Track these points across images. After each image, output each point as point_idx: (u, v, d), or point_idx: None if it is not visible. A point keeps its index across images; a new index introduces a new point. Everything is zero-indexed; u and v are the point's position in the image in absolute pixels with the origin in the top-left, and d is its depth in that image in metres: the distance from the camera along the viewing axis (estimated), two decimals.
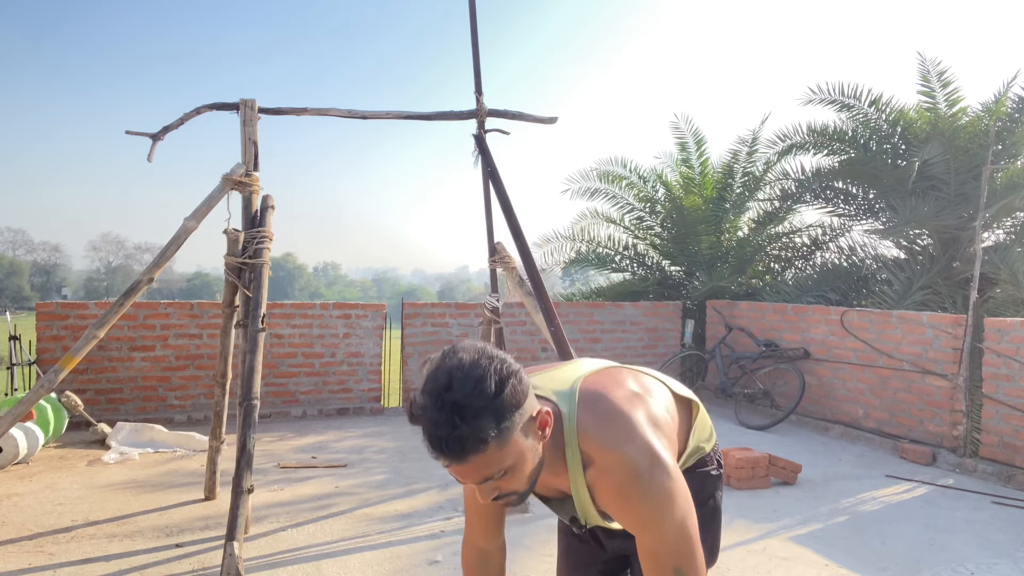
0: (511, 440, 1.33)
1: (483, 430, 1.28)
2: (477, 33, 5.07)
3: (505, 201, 4.82)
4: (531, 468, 1.40)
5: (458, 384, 1.29)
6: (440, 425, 1.28)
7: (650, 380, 1.70)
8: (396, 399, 8.47)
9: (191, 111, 4.58)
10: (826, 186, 9.66)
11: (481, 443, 1.28)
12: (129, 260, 70.24)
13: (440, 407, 1.28)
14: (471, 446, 1.28)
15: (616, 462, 1.43)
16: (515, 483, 1.38)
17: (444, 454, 1.30)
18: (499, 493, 1.39)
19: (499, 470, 1.34)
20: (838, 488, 5.29)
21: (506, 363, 1.34)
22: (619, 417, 1.47)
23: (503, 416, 1.30)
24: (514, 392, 1.32)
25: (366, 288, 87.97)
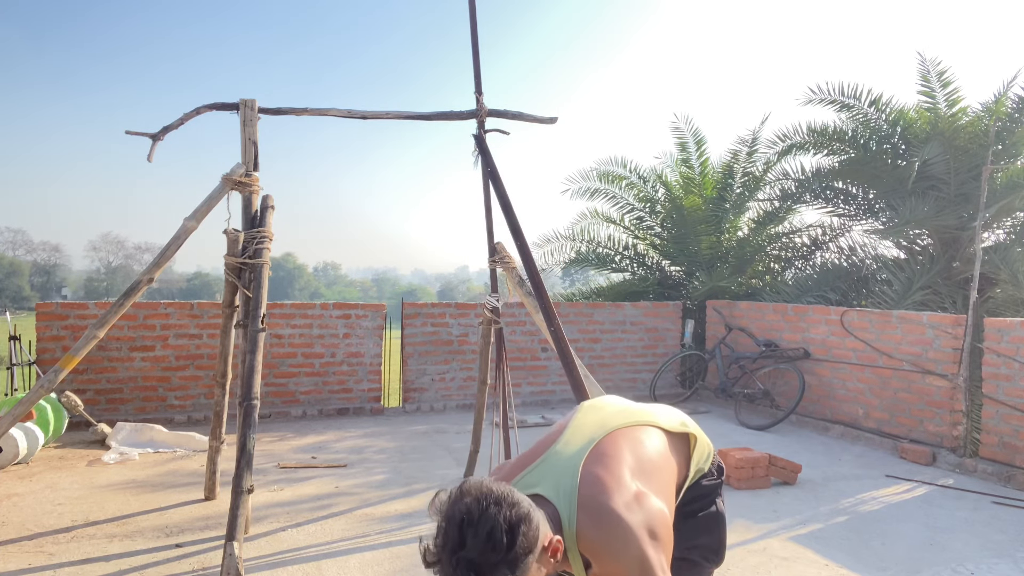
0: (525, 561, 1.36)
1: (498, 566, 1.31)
2: (477, 33, 5.07)
3: (505, 201, 4.82)
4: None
5: (471, 540, 1.30)
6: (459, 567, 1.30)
7: (648, 438, 1.75)
8: (396, 399, 8.47)
9: (191, 111, 4.58)
10: (826, 186, 9.65)
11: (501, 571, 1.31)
12: (129, 260, 70.25)
13: (456, 565, 1.30)
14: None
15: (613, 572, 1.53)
16: None
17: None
18: None
19: None
20: (838, 488, 5.29)
21: (515, 508, 1.35)
22: (616, 530, 1.51)
23: (517, 565, 1.33)
24: (526, 539, 1.34)
25: (366, 288, 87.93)
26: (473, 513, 1.31)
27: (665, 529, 1.58)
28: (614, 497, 1.54)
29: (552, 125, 5.29)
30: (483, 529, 1.30)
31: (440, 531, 1.34)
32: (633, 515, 1.52)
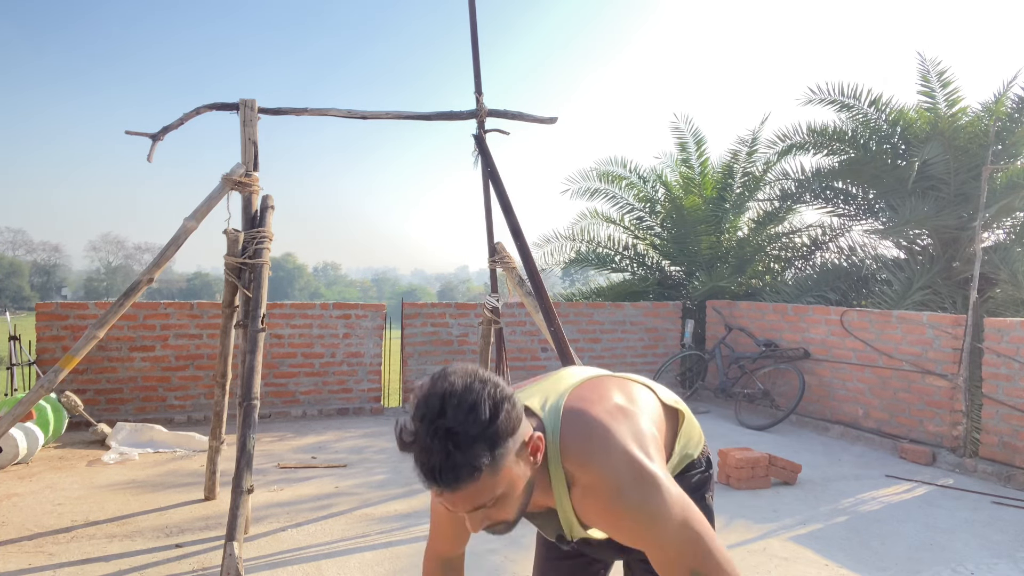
0: (504, 467, 1.30)
1: (477, 458, 1.25)
2: (477, 33, 5.07)
3: (505, 201, 4.82)
4: (521, 495, 1.37)
5: (452, 410, 1.24)
6: (433, 453, 1.24)
7: (638, 389, 1.67)
8: (396, 399, 8.47)
9: (191, 111, 4.58)
10: (826, 186, 9.66)
11: (475, 471, 1.25)
12: (129, 260, 70.28)
13: (433, 434, 1.24)
14: (465, 474, 1.25)
15: (598, 480, 1.40)
16: (505, 512, 1.36)
17: (437, 483, 1.26)
18: (489, 523, 1.36)
19: (491, 498, 1.31)
20: (838, 488, 5.29)
21: (499, 388, 1.30)
22: (599, 432, 1.43)
23: (497, 443, 1.27)
24: (508, 418, 1.29)
25: (366, 288, 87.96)
26: (456, 386, 1.27)
27: (656, 451, 1.47)
28: (596, 407, 1.49)
29: (552, 125, 5.30)
30: (466, 400, 1.25)
31: (420, 404, 1.28)
32: (617, 423, 1.46)
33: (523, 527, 4.28)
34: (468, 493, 1.28)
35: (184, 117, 4.60)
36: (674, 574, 1.36)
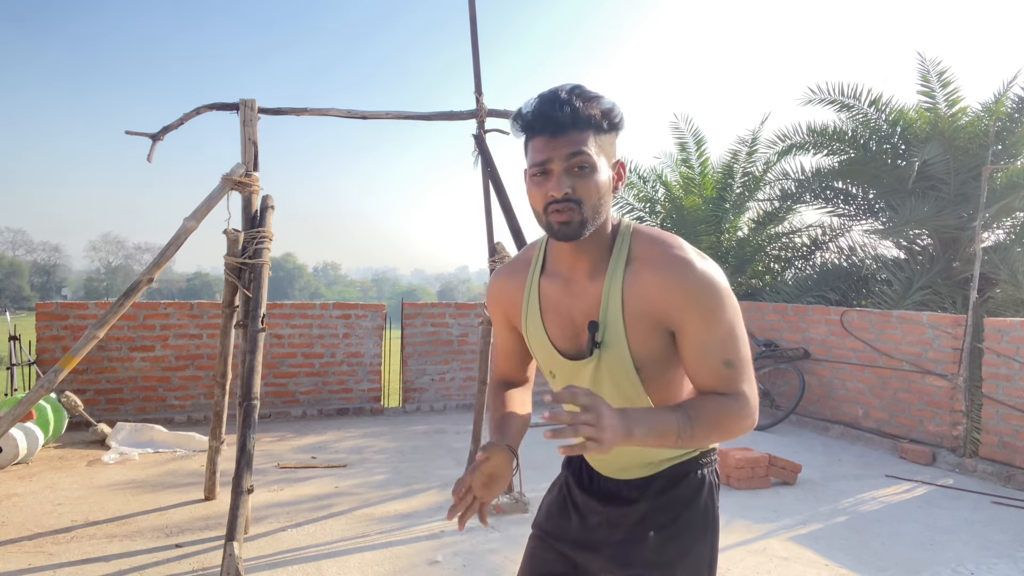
0: (604, 146, 1.39)
1: (594, 114, 1.36)
2: (477, 33, 5.07)
3: (505, 201, 4.82)
4: (603, 190, 1.39)
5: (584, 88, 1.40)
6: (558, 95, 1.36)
7: None
8: (396, 399, 8.46)
9: (191, 111, 4.58)
10: (826, 186, 9.66)
11: (590, 118, 1.36)
12: (129, 260, 70.30)
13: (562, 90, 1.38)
14: (584, 113, 1.35)
15: (665, 251, 1.43)
16: (587, 191, 1.37)
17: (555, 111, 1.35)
18: (570, 193, 1.36)
19: (586, 161, 1.36)
20: (838, 488, 5.29)
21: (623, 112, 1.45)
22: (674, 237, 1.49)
23: (609, 119, 1.39)
24: (622, 118, 1.42)
25: (366, 288, 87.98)
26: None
27: None
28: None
29: None
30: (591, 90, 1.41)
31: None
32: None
33: (521, 526, 4.28)
34: (574, 139, 1.35)
35: (184, 117, 4.60)
36: (710, 356, 1.39)
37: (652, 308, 1.41)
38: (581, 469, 1.69)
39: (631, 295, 1.43)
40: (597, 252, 1.47)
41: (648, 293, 1.41)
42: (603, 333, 1.46)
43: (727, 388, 1.40)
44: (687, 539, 1.55)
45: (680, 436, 1.34)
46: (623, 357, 1.45)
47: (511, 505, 4.58)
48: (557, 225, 1.38)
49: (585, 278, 1.49)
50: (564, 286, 1.52)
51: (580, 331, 1.50)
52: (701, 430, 1.36)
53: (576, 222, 1.37)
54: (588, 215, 1.38)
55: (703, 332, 1.38)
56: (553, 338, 1.55)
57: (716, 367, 1.39)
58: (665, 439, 1.34)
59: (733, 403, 1.39)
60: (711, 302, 1.37)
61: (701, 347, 1.39)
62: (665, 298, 1.39)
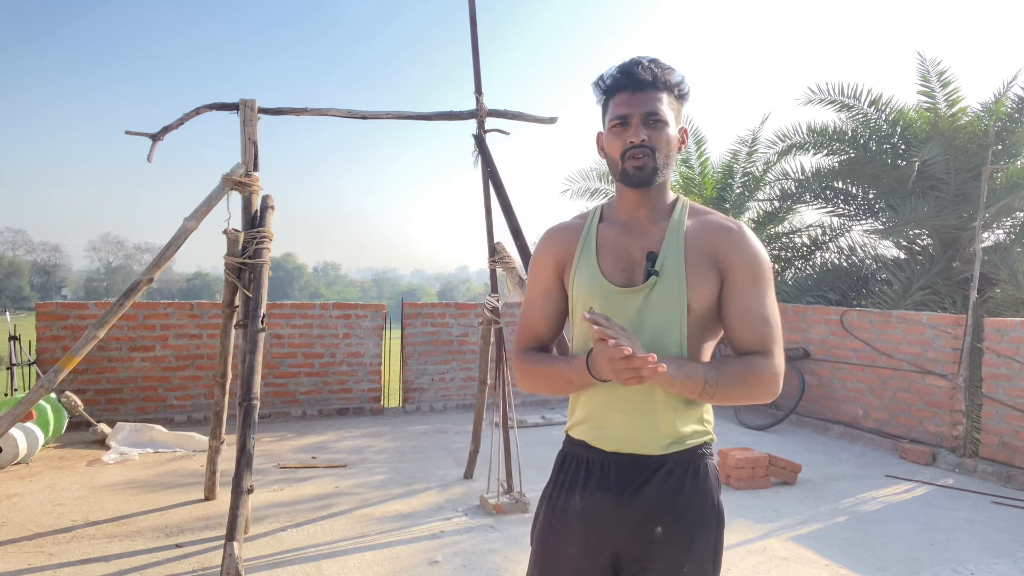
0: (676, 109, 1.59)
1: (669, 81, 1.57)
2: (477, 34, 5.07)
3: (505, 201, 4.82)
4: (673, 143, 1.57)
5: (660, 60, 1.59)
6: (640, 60, 1.57)
7: None
8: (396, 399, 8.47)
9: (191, 111, 4.58)
10: (826, 186, 9.65)
11: (667, 82, 1.56)
12: (129, 260, 70.28)
13: (642, 57, 1.59)
14: (662, 77, 1.55)
15: (725, 216, 1.63)
16: (660, 141, 1.54)
17: (638, 72, 1.54)
18: (646, 140, 1.53)
19: (663, 116, 1.54)
20: (838, 488, 5.29)
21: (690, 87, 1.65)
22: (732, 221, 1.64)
23: (682, 88, 1.60)
24: (689, 91, 1.62)
25: (366, 288, 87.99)
26: None
27: None
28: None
29: (552, 125, 5.29)
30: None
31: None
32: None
33: (522, 526, 4.28)
34: (651, 96, 1.54)
35: (184, 117, 4.60)
36: (751, 308, 1.53)
37: (713, 250, 1.56)
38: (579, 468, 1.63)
39: (693, 236, 1.57)
40: (661, 201, 1.63)
41: (711, 237, 1.57)
42: (662, 261, 1.55)
43: (761, 344, 1.52)
44: (694, 531, 1.55)
45: (707, 382, 1.46)
46: (679, 288, 1.53)
47: (511, 505, 4.59)
48: (632, 170, 1.55)
49: (647, 220, 1.62)
50: (624, 227, 1.63)
51: (636, 265, 1.58)
52: (727, 380, 1.47)
53: (649, 168, 1.54)
54: (660, 163, 1.55)
55: (749, 286, 1.53)
56: (605, 270, 1.61)
57: (754, 321, 1.52)
58: (692, 382, 1.45)
59: (761, 360, 1.51)
60: (760, 263, 1.55)
61: (744, 299, 1.53)
62: (725, 245, 1.55)
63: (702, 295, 1.52)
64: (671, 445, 1.55)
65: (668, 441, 1.55)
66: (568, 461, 1.66)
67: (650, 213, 1.61)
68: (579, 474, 1.62)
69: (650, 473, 1.55)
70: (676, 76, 1.58)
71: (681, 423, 1.56)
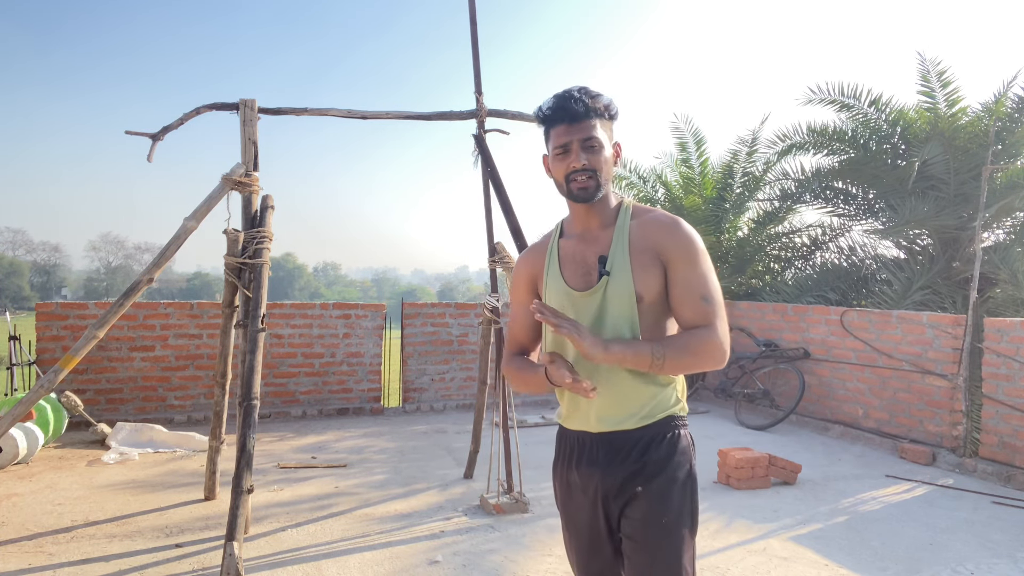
0: (609, 132, 1.83)
1: (601, 105, 1.80)
2: (477, 34, 5.07)
3: (505, 201, 4.82)
4: (609, 163, 1.83)
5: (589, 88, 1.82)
6: (572, 93, 1.80)
7: None
8: (396, 399, 8.47)
9: (191, 111, 4.58)
10: (826, 186, 9.66)
11: (597, 110, 1.79)
12: (129, 260, 70.29)
13: (574, 89, 1.81)
14: (593, 106, 1.78)
15: (661, 212, 1.86)
16: (599, 163, 1.79)
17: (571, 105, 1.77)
18: (586, 163, 1.77)
19: (597, 139, 1.77)
20: (838, 488, 5.29)
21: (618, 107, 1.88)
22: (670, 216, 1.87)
23: (610, 111, 1.82)
24: (617, 111, 1.84)
25: (366, 288, 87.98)
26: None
27: None
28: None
29: None
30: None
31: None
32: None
33: (521, 526, 4.28)
34: (585, 125, 1.77)
35: (184, 117, 4.60)
36: (691, 289, 1.76)
37: (653, 244, 1.80)
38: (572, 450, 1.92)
39: (636, 236, 1.82)
40: (606, 211, 1.87)
41: (650, 233, 1.81)
42: (611, 263, 1.81)
43: (703, 320, 1.75)
44: (668, 488, 1.80)
45: (654, 355, 1.70)
46: (626, 283, 1.78)
47: (511, 505, 4.58)
48: (577, 190, 1.80)
49: (597, 228, 1.88)
50: (579, 238, 1.90)
51: (592, 269, 1.85)
52: (673, 352, 1.71)
53: (592, 186, 1.80)
54: (601, 180, 1.81)
55: (687, 269, 1.77)
56: (568, 279, 1.89)
57: (695, 300, 1.75)
58: (640, 357, 1.71)
59: (704, 331, 1.74)
60: (694, 247, 1.78)
61: (685, 281, 1.77)
62: (663, 238, 1.79)
63: (649, 285, 1.77)
64: (643, 419, 1.82)
65: (640, 417, 1.81)
66: (564, 441, 1.97)
67: (599, 221, 1.87)
68: (573, 454, 1.91)
69: (631, 445, 1.82)
70: (604, 100, 1.81)
71: (650, 401, 1.82)
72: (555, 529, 4.29)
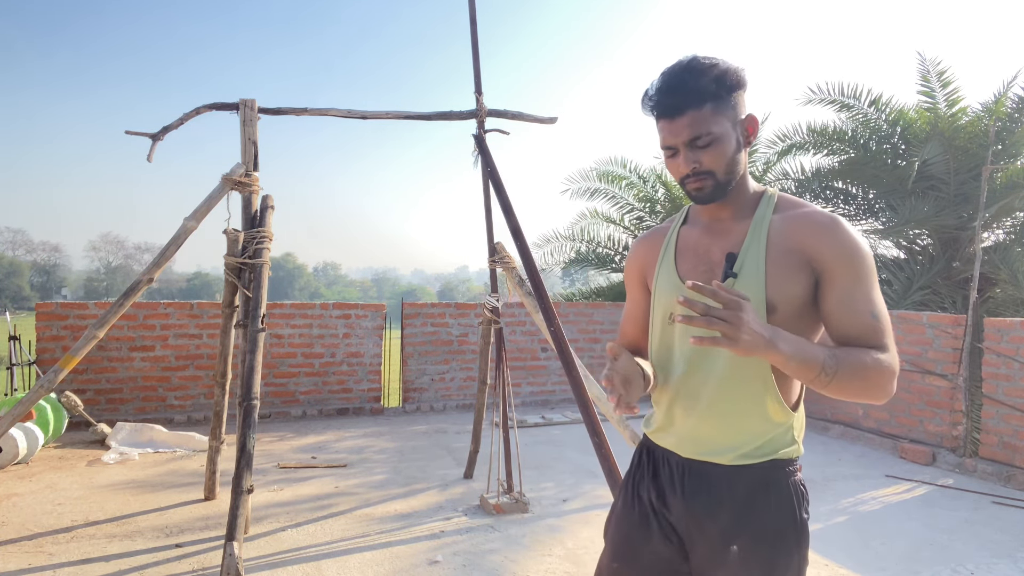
0: (725, 113, 1.44)
1: (705, 88, 1.42)
2: (477, 33, 5.07)
3: (505, 201, 4.82)
4: (731, 154, 1.46)
5: (695, 60, 1.45)
6: (671, 78, 1.44)
7: None
8: (396, 399, 8.46)
9: (191, 111, 4.58)
10: (826, 186, 9.66)
11: (703, 93, 1.41)
12: (129, 260, 70.31)
13: (675, 68, 1.45)
14: (696, 89, 1.42)
15: (817, 208, 1.48)
16: (714, 161, 1.45)
17: (667, 102, 1.43)
18: (698, 168, 1.45)
19: (707, 134, 1.43)
20: (838, 488, 5.29)
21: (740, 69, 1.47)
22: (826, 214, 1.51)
23: (724, 84, 1.43)
24: (738, 78, 1.45)
25: (366, 288, 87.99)
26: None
27: None
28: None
29: (552, 125, 5.29)
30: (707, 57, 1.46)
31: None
32: None
33: (521, 526, 4.27)
34: (689, 120, 1.43)
35: (184, 117, 4.59)
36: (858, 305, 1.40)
37: (802, 248, 1.44)
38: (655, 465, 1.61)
39: (778, 233, 1.47)
40: (741, 199, 1.54)
41: (800, 234, 1.45)
42: (741, 264, 1.46)
43: (872, 340, 1.39)
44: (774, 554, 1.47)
45: (824, 370, 1.32)
46: (758, 289, 1.43)
47: (511, 505, 4.58)
48: (694, 192, 1.49)
49: (729, 219, 1.54)
50: (706, 229, 1.57)
51: (716, 266, 1.52)
52: (846, 372, 1.33)
53: (709, 187, 1.47)
54: (721, 179, 1.47)
55: (852, 283, 1.40)
56: (683, 273, 1.56)
57: (863, 317, 1.40)
58: (809, 367, 1.32)
59: (880, 354, 1.37)
60: (862, 258, 1.41)
61: (850, 297, 1.40)
62: (819, 243, 1.43)
63: (787, 295, 1.43)
64: (745, 456, 1.48)
65: (741, 453, 1.48)
66: (646, 456, 1.65)
67: (732, 212, 1.54)
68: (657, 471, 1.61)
69: (726, 485, 1.49)
70: (714, 75, 1.42)
71: (760, 436, 1.48)
72: (555, 529, 4.29)
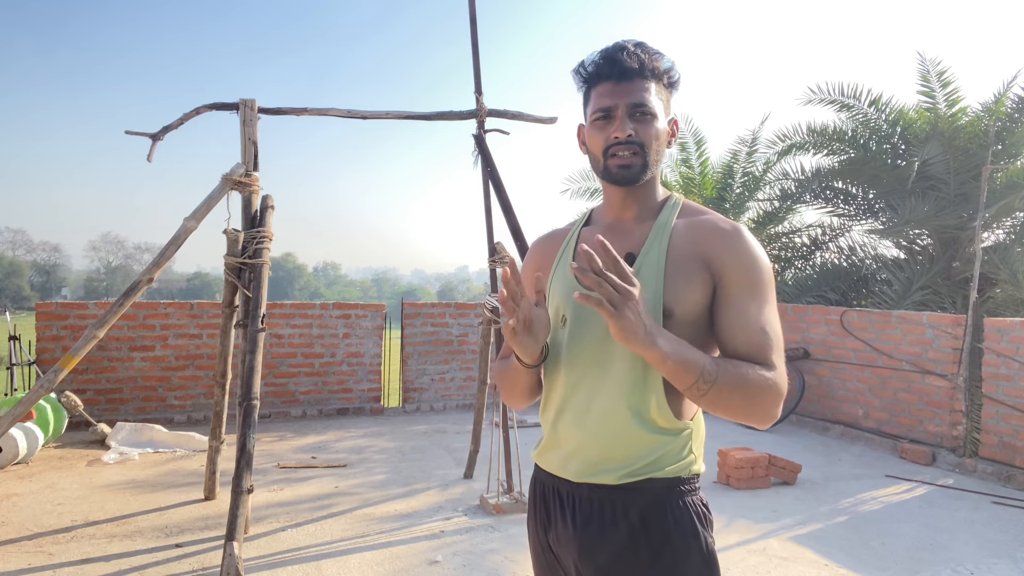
0: (665, 102, 1.44)
1: (656, 68, 1.41)
2: (477, 33, 5.07)
3: (505, 201, 4.83)
4: (662, 138, 1.43)
5: (647, 43, 1.44)
6: (625, 46, 1.41)
7: None
8: (396, 399, 8.46)
9: (191, 111, 4.58)
10: (826, 186, 9.66)
11: (654, 70, 1.41)
12: (129, 260, 70.29)
13: (627, 42, 1.42)
14: (649, 64, 1.40)
15: (721, 216, 1.45)
16: (648, 136, 1.40)
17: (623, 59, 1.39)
18: (633, 136, 1.39)
19: (649, 106, 1.39)
20: (838, 488, 5.29)
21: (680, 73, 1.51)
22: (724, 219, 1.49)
23: (672, 75, 1.44)
24: (679, 78, 1.46)
25: (366, 288, 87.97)
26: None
27: None
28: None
29: (552, 125, 5.29)
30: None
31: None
32: None
33: (520, 526, 4.27)
34: (638, 85, 1.39)
35: (184, 117, 4.60)
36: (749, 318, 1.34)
37: (703, 254, 1.38)
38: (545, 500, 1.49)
39: (680, 238, 1.40)
40: (648, 201, 1.47)
41: (702, 240, 1.39)
42: (640, 265, 1.39)
43: (760, 355, 1.32)
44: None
45: (704, 376, 1.25)
46: (655, 291, 1.35)
47: (511, 505, 4.58)
48: (616, 168, 1.40)
49: (632, 221, 1.47)
50: (608, 229, 1.49)
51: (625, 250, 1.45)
52: (726, 383, 1.26)
53: (637, 165, 1.40)
54: (650, 159, 1.41)
55: (746, 294, 1.35)
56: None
57: (753, 330, 1.33)
58: (687, 370, 1.24)
59: (764, 371, 1.30)
60: (760, 270, 1.37)
61: (742, 308, 1.34)
62: (719, 249, 1.38)
63: (685, 299, 1.35)
64: (634, 474, 1.35)
65: (631, 470, 1.35)
66: (535, 488, 1.53)
67: (636, 213, 1.46)
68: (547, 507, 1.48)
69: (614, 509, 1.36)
70: (665, 62, 1.42)
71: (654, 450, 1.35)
72: None
